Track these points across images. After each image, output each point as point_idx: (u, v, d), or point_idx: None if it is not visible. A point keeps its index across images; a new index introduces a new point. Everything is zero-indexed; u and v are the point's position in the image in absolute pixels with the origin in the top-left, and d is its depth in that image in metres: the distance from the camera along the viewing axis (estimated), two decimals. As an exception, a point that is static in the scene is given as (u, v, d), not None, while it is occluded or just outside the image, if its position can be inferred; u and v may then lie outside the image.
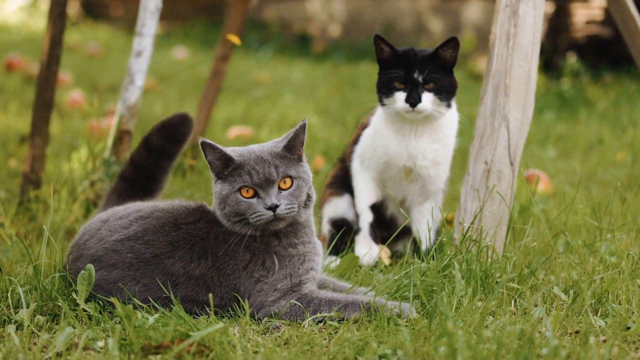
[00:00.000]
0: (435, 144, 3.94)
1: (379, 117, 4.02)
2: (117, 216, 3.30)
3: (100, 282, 3.16)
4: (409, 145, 3.93)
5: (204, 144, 3.11)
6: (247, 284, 3.14)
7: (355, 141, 4.18)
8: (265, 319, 3.11)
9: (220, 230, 3.18)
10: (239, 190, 3.10)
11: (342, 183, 4.23)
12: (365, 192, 4.10)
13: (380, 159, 3.99)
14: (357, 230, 4.09)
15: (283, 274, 3.15)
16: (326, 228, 4.21)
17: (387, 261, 3.99)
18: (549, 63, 10.32)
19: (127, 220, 3.25)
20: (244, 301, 3.11)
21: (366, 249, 4.00)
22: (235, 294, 3.15)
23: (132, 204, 3.42)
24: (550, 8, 10.52)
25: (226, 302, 3.16)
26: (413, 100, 3.81)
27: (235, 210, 3.10)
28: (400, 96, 3.85)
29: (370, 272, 3.78)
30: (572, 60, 10.43)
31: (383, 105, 3.93)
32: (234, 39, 5.35)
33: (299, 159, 3.23)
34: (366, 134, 4.10)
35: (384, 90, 3.88)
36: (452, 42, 3.85)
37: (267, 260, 3.16)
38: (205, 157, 3.14)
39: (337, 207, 4.22)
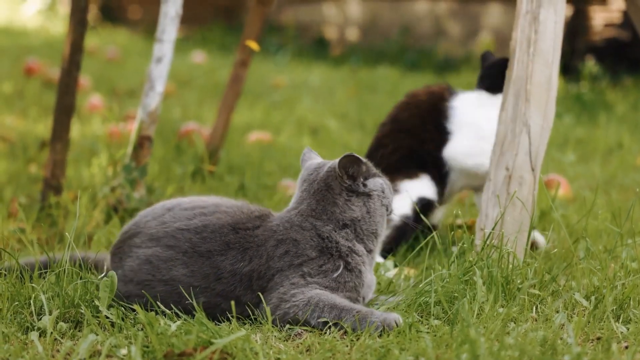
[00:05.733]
0: None
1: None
2: (182, 207, 3.39)
3: (151, 258, 3.24)
4: None
5: None
6: (291, 276, 3.18)
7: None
8: (287, 326, 3.11)
9: (281, 237, 3.24)
10: None
11: None
12: None
13: None
14: None
15: (327, 283, 3.20)
16: None
17: None
18: (568, 66, 10.30)
19: (192, 212, 3.34)
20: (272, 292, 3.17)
21: None
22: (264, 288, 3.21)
23: (196, 197, 3.50)
24: (568, 11, 10.50)
25: (258, 298, 3.21)
26: None
27: None
28: None
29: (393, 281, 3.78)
30: (590, 63, 10.40)
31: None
32: (253, 45, 5.35)
33: None
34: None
35: None
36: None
37: (327, 264, 3.22)
38: None
39: None
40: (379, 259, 4.00)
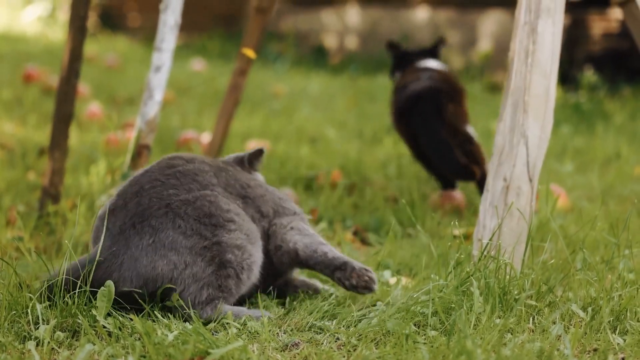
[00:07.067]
0: None
1: None
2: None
3: (197, 168, 3.51)
4: None
5: None
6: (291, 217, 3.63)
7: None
8: (285, 335, 3.11)
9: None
10: None
11: None
12: None
13: None
14: None
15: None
16: None
17: None
18: (566, 76, 10.31)
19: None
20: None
21: None
22: None
23: None
24: (567, 21, 10.51)
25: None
26: None
27: None
28: None
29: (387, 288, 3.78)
30: (589, 73, 10.42)
31: None
32: (249, 53, 5.36)
33: None
34: None
35: None
36: None
37: None
38: None
39: None
40: None
